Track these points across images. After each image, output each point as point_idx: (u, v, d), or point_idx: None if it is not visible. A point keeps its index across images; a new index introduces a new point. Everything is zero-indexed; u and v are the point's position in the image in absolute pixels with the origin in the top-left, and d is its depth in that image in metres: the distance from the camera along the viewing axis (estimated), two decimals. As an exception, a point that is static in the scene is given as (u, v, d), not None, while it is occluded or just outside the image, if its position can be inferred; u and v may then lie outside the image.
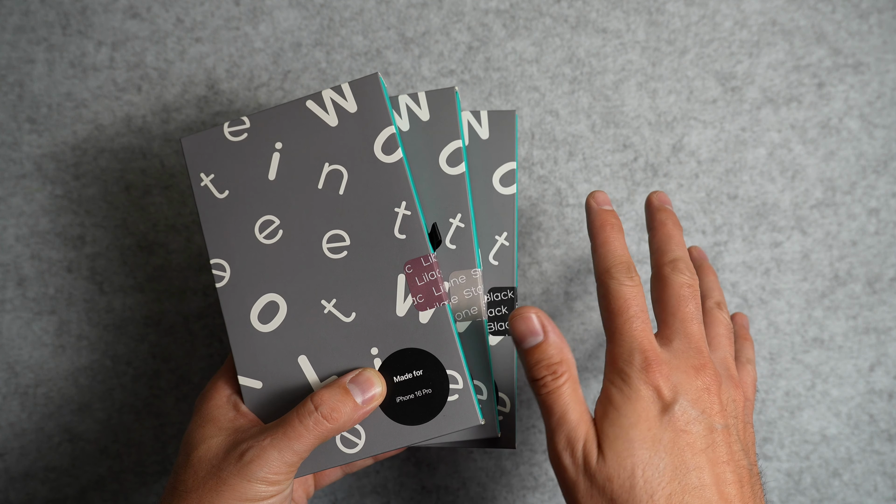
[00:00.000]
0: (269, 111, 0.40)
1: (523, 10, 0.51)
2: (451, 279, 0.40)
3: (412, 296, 0.38)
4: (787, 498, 0.50)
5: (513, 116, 0.43)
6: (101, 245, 0.51)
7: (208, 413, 0.38)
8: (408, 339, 0.38)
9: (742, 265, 0.50)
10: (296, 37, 0.51)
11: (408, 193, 0.39)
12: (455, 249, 0.41)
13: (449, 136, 0.41)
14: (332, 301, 0.39)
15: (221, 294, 0.40)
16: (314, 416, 0.35)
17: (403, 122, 0.42)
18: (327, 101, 0.40)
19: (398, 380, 0.38)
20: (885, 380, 0.50)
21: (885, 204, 0.50)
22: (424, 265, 0.38)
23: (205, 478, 0.35)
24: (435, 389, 0.38)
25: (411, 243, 0.38)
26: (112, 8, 0.51)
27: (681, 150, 0.50)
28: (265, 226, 0.40)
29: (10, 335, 0.51)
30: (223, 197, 0.40)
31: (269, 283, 0.39)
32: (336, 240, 0.39)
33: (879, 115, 0.50)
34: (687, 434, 0.33)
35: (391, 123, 0.39)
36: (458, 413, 0.38)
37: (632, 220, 0.50)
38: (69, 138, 0.51)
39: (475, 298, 0.40)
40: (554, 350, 0.36)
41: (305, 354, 0.39)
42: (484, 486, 0.51)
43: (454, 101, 0.41)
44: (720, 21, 0.50)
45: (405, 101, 0.42)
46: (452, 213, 0.41)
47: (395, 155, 0.39)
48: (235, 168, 0.40)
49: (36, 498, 0.51)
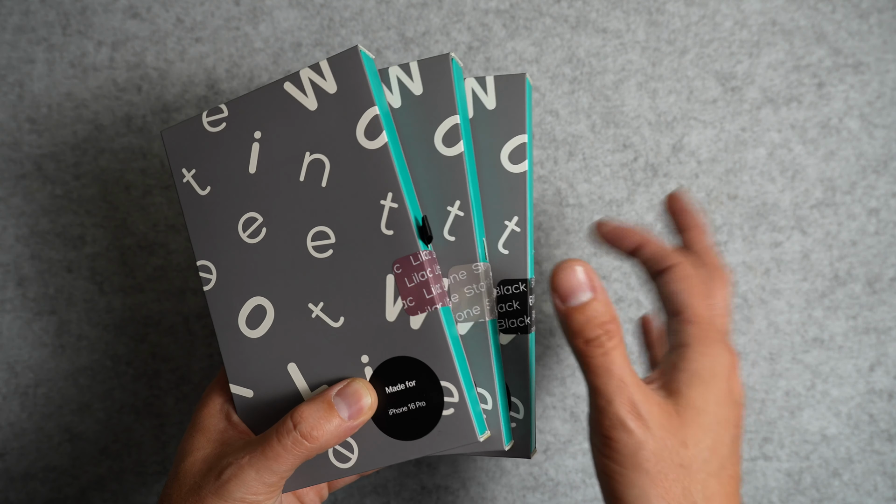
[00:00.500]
0: (247, 97, 0.37)
1: (523, 10, 0.51)
2: (450, 275, 0.36)
3: (402, 299, 0.35)
4: (787, 498, 0.50)
5: (523, 81, 0.37)
6: (101, 245, 0.51)
7: (200, 422, 0.37)
8: (399, 347, 0.35)
9: (742, 265, 0.50)
10: (296, 37, 0.51)
11: (394, 183, 0.35)
12: (454, 241, 0.36)
13: (445, 112, 0.36)
14: (320, 305, 0.36)
15: (209, 298, 0.38)
16: (293, 436, 0.33)
17: (395, 98, 0.37)
18: (305, 82, 0.36)
19: (390, 391, 0.35)
20: (885, 380, 0.50)
21: (885, 204, 0.50)
22: (414, 264, 0.34)
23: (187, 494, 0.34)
24: (429, 402, 0.34)
25: (399, 240, 0.35)
26: (112, 8, 0.51)
27: (681, 150, 0.50)
28: (248, 223, 0.37)
29: (10, 335, 0.51)
30: (205, 194, 0.38)
31: (255, 286, 0.37)
32: (321, 237, 0.36)
33: (879, 115, 0.50)
34: (741, 407, 0.33)
35: (374, 104, 0.35)
36: (453, 429, 0.34)
37: (632, 220, 0.50)
38: (69, 138, 0.51)
39: (478, 297, 0.36)
40: (606, 308, 0.32)
41: (295, 362, 0.36)
42: (484, 486, 0.51)
43: (450, 70, 0.36)
44: (720, 21, 0.50)
45: (396, 74, 0.37)
46: (450, 200, 0.36)
47: (379, 140, 0.35)
48: (216, 162, 0.37)
49: (36, 498, 0.51)
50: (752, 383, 0.50)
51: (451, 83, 0.36)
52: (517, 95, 0.37)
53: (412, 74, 0.37)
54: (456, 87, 0.36)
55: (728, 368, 0.33)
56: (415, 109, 0.36)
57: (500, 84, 0.37)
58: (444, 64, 0.36)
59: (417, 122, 0.36)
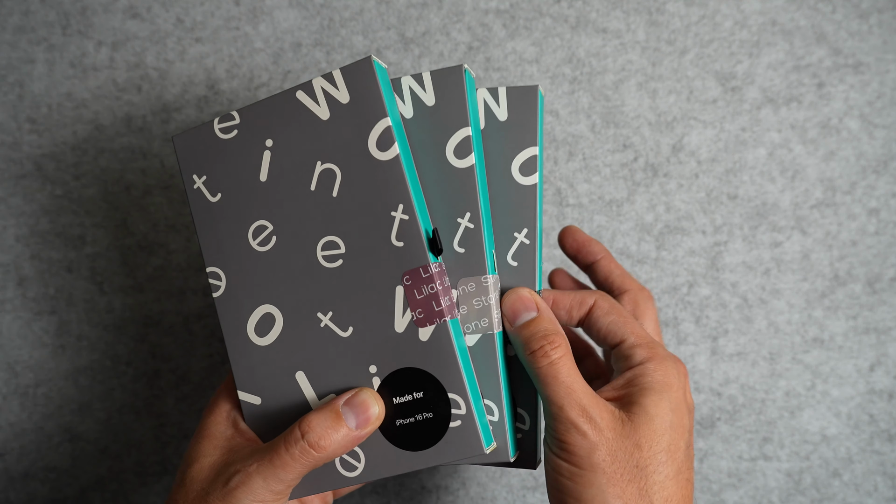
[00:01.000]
0: (259, 104, 0.37)
1: (523, 10, 0.51)
2: (459, 287, 0.36)
3: (411, 310, 0.35)
4: (787, 498, 0.50)
5: (535, 93, 0.37)
6: (101, 245, 0.51)
7: (207, 428, 0.37)
8: (407, 358, 0.35)
9: (742, 265, 0.50)
10: (296, 37, 0.51)
11: (405, 195, 0.35)
12: (463, 253, 0.36)
13: (457, 123, 0.36)
14: (329, 314, 0.36)
15: (218, 305, 0.38)
16: (300, 445, 0.33)
17: (406, 108, 0.37)
18: (318, 92, 0.36)
19: (398, 401, 0.35)
20: (885, 380, 0.50)
21: (885, 204, 0.50)
22: (423, 276, 0.35)
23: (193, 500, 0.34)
24: (436, 414, 0.35)
25: (409, 252, 0.35)
26: (112, 8, 0.51)
27: (681, 150, 0.50)
28: (258, 231, 0.37)
29: (10, 335, 0.51)
30: (216, 200, 0.38)
31: (264, 294, 0.37)
32: (331, 247, 0.36)
33: (879, 115, 0.50)
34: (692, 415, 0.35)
35: (387, 115, 0.35)
36: (460, 441, 0.34)
37: (632, 220, 0.50)
38: (69, 138, 0.51)
39: (486, 309, 0.36)
40: (548, 323, 0.35)
41: (303, 370, 0.36)
42: (484, 486, 0.51)
43: (462, 81, 0.36)
44: (720, 21, 0.50)
45: (408, 84, 0.37)
46: (461, 211, 0.36)
47: (390, 151, 0.35)
48: (227, 169, 0.38)
49: (36, 498, 0.51)
50: (752, 383, 0.50)
51: (464, 94, 0.36)
52: (529, 107, 0.37)
53: (425, 85, 0.37)
54: (469, 98, 0.36)
55: (681, 379, 0.35)
56: (426, 120, 0.36)
57: (513, 95, 0.37)
58: (457, 75, 0.36)
59: (429, 132, 0.36)
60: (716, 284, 0.50)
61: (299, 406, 0.36)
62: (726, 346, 0.50)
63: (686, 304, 0.50)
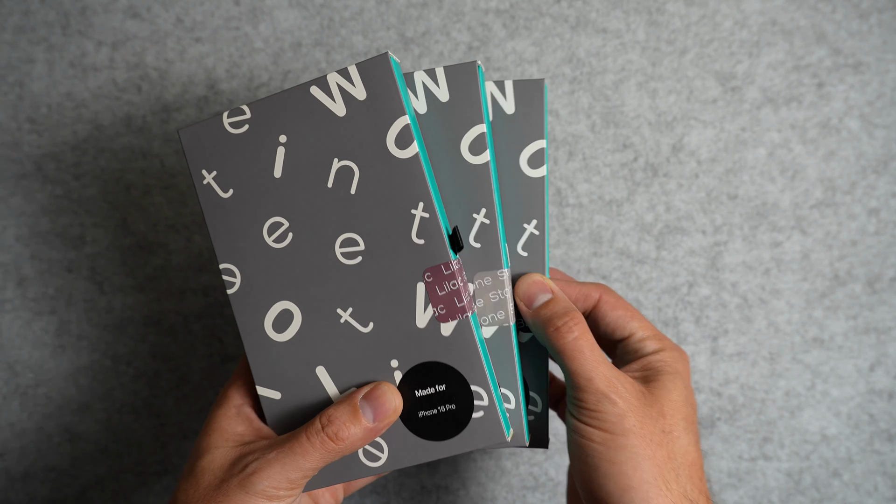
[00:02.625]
0: (271, 99, 0.37)
1: (523, 10, 0.51)
2: (475, 281, 0.37)
3: (433, 306, 0.35)
4: (787, 498, 0.50)
5: (541, 86, 0.38)
6: (101, 245, 0.51)
7: (217, 423, 0.37)
8: (429, 353, 0.36)
9: (742, 265, 0.50)
10: (296, 37, 0.51)
11: (425, 193, 0.35)
12: (479, 248, 0.37)
13: (472, 120, 0.36)
14: (349, 310, 0.36)
15: (233, 301, 0.38)
16: (321, 436, 0.34)
17: (420, 104, 0.37)
18: (333, 88, 0.36)
19: (420, 394, 0.36)
20: (885, 380, 0.50)
21: (885, 204, 0.50)
22: (445, 273, 0.35)
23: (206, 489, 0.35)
24: (458, 405, 0.36)
25: (430, 249, 0.35)
26: (112, 8, 0.51)
27: (681, 150, 0.50)
28: (274, 228, 0.37)
29: (10, 335, 0.51)
30: (228, 196, 0.37)
31: (281, 290, 0.37)
32: (350, 244, 0.36)
33: (879, 115, 0.50)
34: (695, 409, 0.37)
35: (405, 112, 0.35)
36: (483, 430, 0.36)
37: (632, 220, 0.50)
38: (69, 138, 0.51)
39: (502, 302, 0.37)
40: (565, 303, 0.36)
41: (323, 365, 0.37)
42: (484, 486, 0.51)
43: (477, 77, 0.36)
44: (720, 21, 0.50)
45: (422, 79, 0.37)
46: (476, 207, 0.36)
47: (410, 149, 0.35)
48: (238, 164, 0.37)
49: (36, 498, 0.51)
50: (752, 383, 0.50)
51: (479, 91, 0.36)
52: (536, 100, 0.38)
53: (438, 80, 0.37)
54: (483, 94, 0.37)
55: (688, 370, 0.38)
56: (441, 116, 0.37)
57: (520, 89, 0.38)
58: (471, 71, 0.36)
59: (443, 128, 0.37)
60: (716, 284, 0.50)
61: (321, 400, 0.37)
62: (726, 345, 0.50)
63: (686, 304, 0.50)
